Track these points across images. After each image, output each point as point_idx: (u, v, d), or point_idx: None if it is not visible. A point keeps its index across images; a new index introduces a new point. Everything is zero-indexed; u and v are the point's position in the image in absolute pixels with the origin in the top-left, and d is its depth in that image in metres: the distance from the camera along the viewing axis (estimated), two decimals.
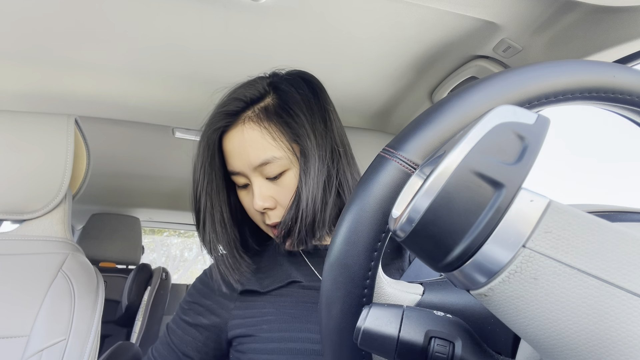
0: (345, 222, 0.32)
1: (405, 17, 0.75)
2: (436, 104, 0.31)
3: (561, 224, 0.21)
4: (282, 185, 0.64)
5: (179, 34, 0.81)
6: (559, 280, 0.20)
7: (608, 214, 0.31)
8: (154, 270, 2.05)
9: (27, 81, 0.98)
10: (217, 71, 0.95)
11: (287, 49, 0.85)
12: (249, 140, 0.64)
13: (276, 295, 0.66)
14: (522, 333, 0.22)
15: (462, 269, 0.22)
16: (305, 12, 0.74)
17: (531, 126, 0.23)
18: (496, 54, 0.80)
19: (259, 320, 0.65)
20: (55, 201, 0.94)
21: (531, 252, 0.21)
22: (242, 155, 0.64)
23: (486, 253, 0.21)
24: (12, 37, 0.83)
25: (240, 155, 0.65)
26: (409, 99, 1.05)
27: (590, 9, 0.64)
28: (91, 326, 0.84)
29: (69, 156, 0.95)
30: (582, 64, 0.29)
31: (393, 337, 0.28)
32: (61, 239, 0.94)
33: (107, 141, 1.36)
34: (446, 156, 0.23)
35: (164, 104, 1.11)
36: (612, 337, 0.19)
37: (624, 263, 0.20)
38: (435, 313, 0.29)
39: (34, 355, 0.78)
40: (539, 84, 0.29)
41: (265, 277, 0.69)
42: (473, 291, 0.23)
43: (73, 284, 0.86)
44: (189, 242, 6.01)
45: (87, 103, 1.08)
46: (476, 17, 0.72)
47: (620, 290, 0.19)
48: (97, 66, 0.94)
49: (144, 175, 1.66)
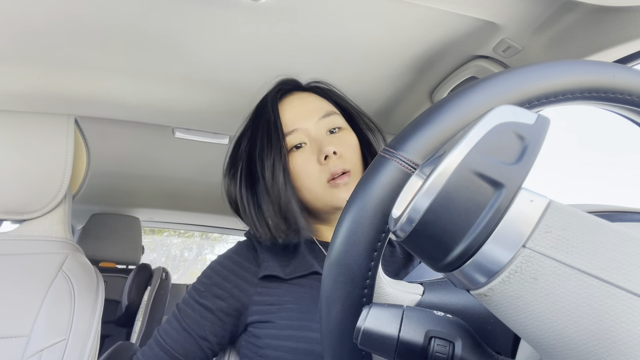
0: (345, 222, 0.32)
1: (405, 17, 0.75)
2: (436, 104, 0.31)
3: (561, 224, 0.21)
4: (342, 139, 0.70)
5: (179, 34, 0.81)
6: (559, 280, 0.20)
7: (608, 214, 0.31)
8: (154, 270, 2.05)
9: (27, 81, 0.98)
10: (217, 71, 0.95)
11: (287, 49, 0.85)
12: (311, 99, 0.75)
13: (297, 285, 0.67)
14: (522, 333, 0.22)
15: (462, 269, 0.22)
16: (305, 12, 0.74)
17: (531, 126, 0.23)
18: (496, 54, 0.80)
19: (278, 308, 0.65)
20: (55, 201, 0.94)
21: (531, 252, 0.21)
22: (306, 108, 0.72)
23: (486, 253, 0.21)
24: (12, 37, 0.83)
25: (303, 109, 0.72)
26: (409, 99, 1.05)
27: (590, 9, 0.64)
28: (91, 326, 0.84)
29: (69, 156, 0.95)
30: (582, 64, 0.29)
31: (393, 337, 0.28)
32: (61, 239, 0.94)
33: (107, 141, 1.36)
34: (446, 156, 0.23)
35: (164, 104, 1.11)
36: (612, 337, 0.19)
37: (623, 263, 0.20)
38: (435, 313, 0.29)
39: (34, 355, 0.78)
40: (539, 84, 0.29)
41: (287, 265, 0.69)
42: (473, 291, 0.23)
43: (73, 284, 0.86)
44: (189, 242, 6.01)
45: (87, 103, 1.08)
46: (476, 17, 0.72)
47: (620, 290, 0.19)
48: (97, 66, 0.93)
49: (144, 175, 1.66)
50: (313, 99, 0.75)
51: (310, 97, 0.75)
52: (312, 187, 0.69)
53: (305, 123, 0.71)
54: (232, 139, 1.33)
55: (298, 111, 0.72)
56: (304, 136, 0.70)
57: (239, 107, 1.11)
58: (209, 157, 1.49)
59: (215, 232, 2.84)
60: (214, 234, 4.42)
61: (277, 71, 0.93)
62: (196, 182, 1.73)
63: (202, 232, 3.15)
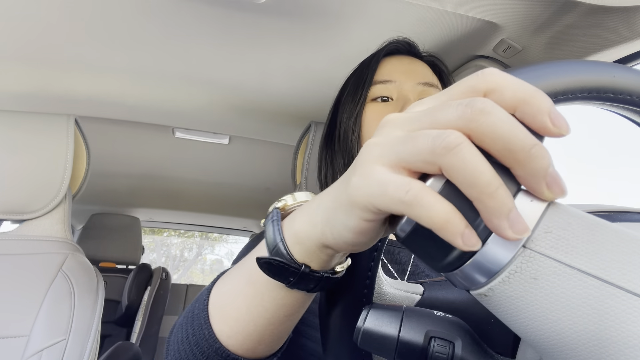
0: None
1: (405, 17, 0.75)
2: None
3: (561, 224, 0.21)
4: None
5: (179, 34, 0.81)
6: (559, 281, 0.20)
7: (608, 214, 0.31)
8: (154, 270, 2.05)
9: (27, 81, 0.98)
10: (217, 71, 0.95)
11: (287, 48, 0.85)
12: (421, 66, 0.69)
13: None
14: (522, 333, 0.22)
15: (462, 269, 0.22)
16: (305, 13, 0.74)
17: None
18: (496, 54, 0.80)
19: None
20: (55, 201, 0.94)
21: (531, 252, 0.21)
22: (411, 67, 0.67)
23: (486, 253, 0.21)
24: (12, 37, 0.83)
25: (408, 67, 0.67)
26: None
27: (590, 9, 0.64)
28: (91, 326, 0.84)
29: (69, 156, 0.95)
30: (582, 64, 0.29)
31: (393, 337, 0.28)
32: (61, 239, 0.94)
33: (107, 141, 1.36)
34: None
35: (164, 104, 1.11)
36: (612, 337, 0.19)
37: (623, 263, 0.20)
38: (435, 313, 0.29)
39: (34, 355, 0.78)
40: (538, 84, 0.29)
41: None
42: (473, 291, 0.23)
43: (73, 284, 0.86)
44: (189, 242, 6.01)
45: (87, 103, 1.08)
46: (476, 17, 0.72)
47: (620, 290, 0.19)
48: (97, 66, 0.93)
49: (144, 175, 1.67)
50: (423, 67, 0.69)
51: (421, 65, 0.70)
52: None
53: (402, 79, 0.65)
54: (232, 139, 1.34)
55: (402, 67, 0.67)
56: (394, 90, 0.65)
57: (239, 107, 1.11)
58: (209, 157, 1.50)
59: (215, 232, 2.84)
60: (214, 234, 4.43)
61: (277, 71, 0.93)
62: (196, 182, 1.73)
63: (202, 232, 3.15)
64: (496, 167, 0.20)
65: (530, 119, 0.19)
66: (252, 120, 1.18)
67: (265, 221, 0.32)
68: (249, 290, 0.33)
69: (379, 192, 0.21)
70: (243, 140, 1.34)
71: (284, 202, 0.34)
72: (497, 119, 0.19)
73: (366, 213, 0.23)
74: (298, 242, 0.29)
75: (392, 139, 0.22)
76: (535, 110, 0.19)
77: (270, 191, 1.75)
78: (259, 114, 1.15)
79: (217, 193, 1.86)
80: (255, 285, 0.33)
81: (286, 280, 0.30)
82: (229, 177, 1.67)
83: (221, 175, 1.65)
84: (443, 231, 0.19)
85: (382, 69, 0.67)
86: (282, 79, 0.96)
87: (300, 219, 0.30)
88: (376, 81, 0.65)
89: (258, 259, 0.30)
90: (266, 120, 1.18)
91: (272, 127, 1.21)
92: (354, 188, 0.23)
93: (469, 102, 0.19)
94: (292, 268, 0.29)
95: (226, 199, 1.93)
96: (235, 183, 1.72)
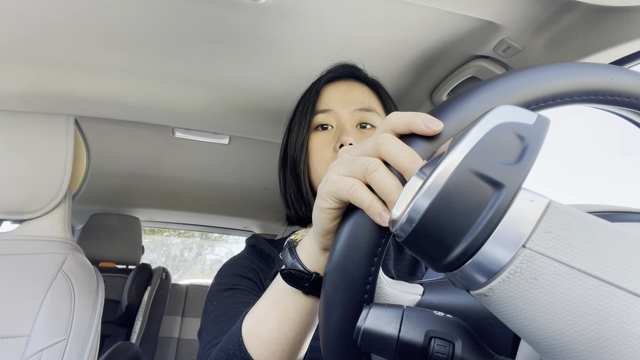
0: (346, 227, 0.32)
1: (405, 17, 0.75)
2: (436, 107, 0.31)
3: (561, 224, 0.21)
4: (367, 136, 0.68)
5: (179, 34, 0.81)
6: (559, 281, 0.20)
7: (608, 214, 0.31)
8: (154, 270, 2.05)
9: (27, 81, 0.98)
10: (217, 71, 0.95)
11: (287, 48, 0.85)
12: (359, 89, 0.73)
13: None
14: (522, 333, 0.22)
15: (462, 269, 0.22)
16: (305, 12, 0.74)
17: (531, 126, 0.23)
18: (496, 54, 0.80)
19: None
20: (55, 201, 0.94)
21: (531, 252, 0.21)
22: (348, 95, 0.71)
23: (486, 253, 0.21)
24: (12, 37, 0.83)
25: (345, 95, 0.71)
26: (409, 99, 1.05)
27: (590, 9, 0.64)
28: (91, 326, 0.84)
29: (69, 156, 0.95)
30: (581, 67, 0.29)
31: (393, 337, 0.28)
32: (61, 239, 0.94)
33: (107, 141, 1.36)
34: (446, 156, 0.23)
35: (164, 104, 1.11)
36: (612, 337, 0.19)
37: (623, 263, 0.20)
38: (435, 313, 0.29)
39: (34, 355, 0.78)
40: (538, 87, 0.29)
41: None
42: (473, 291, 0.23)
43: (73, 284, 0.86)
44: (189, 242, 6.01)
45: (87, 103, 1.08)
46: (476, 17, 0.72)
47: (620, 290, 0.19)
48: (97, 66, 0.93)
49: (144, 175, 1.66)
50: (361, 90, 0.73)
51: (359, 88, 0.74)
52: (320, 172, 0.69)
53: (340, 107, 0.70)
54: (232, 139, 1.33)
55: (340, 95, 0.72)
56: (332, 119, 0.70)
57: (239, 107, 1.12)
58: (209, 157, 1.49)
59: (215, 232, 2.84)
60: (214, 234, 4.42)
61: (277, 71, 0.93)
62: (196, 182, 1.73)
63: (202, 232, 3.14)
64: (496, 167, 0.20)
65: (415, 129, 0.30)
66: (252, 120, 1.18)
67: (282, 252, 0.45)
68: (276, 309, 0.43)
69: (336, 187, 0.33)
70: (243, 140, 1.34)
71: (295, 235, 0.47)
72: (390, 147, 0.31)
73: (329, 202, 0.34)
74: (307, 255, 0.41)
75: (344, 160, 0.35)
76: (415, 125, 0.30)
77: (270, 191, 1.75)
78: (259, 114, 1.14)
79: (217, 193, 1.85)
80: (280, 303, 0.43)
81: (302, 286, 0.41)
82: (228, 177, 1.67)
83: (221, 175, 1.65)
84: (369, 211, 0.30)
85: (322, 98, 0.73)
86: (282, 79, 0.96)
87: (305, 239, 0.43)
88: (317, 110, 0.71)
89: (281, 270, 0.42)
90: (266, 120, 1.18)
91: (272, 127, 1.21)
92: (321, 189, 0.35)
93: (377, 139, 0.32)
94: (306, 275, 0.40)
95: (226, 199, 1.93)
96: (235, 183, 1.72)
